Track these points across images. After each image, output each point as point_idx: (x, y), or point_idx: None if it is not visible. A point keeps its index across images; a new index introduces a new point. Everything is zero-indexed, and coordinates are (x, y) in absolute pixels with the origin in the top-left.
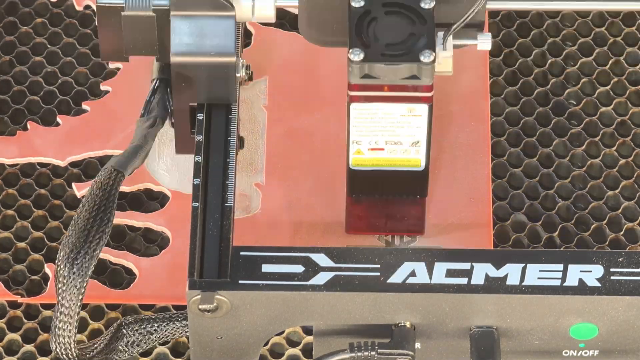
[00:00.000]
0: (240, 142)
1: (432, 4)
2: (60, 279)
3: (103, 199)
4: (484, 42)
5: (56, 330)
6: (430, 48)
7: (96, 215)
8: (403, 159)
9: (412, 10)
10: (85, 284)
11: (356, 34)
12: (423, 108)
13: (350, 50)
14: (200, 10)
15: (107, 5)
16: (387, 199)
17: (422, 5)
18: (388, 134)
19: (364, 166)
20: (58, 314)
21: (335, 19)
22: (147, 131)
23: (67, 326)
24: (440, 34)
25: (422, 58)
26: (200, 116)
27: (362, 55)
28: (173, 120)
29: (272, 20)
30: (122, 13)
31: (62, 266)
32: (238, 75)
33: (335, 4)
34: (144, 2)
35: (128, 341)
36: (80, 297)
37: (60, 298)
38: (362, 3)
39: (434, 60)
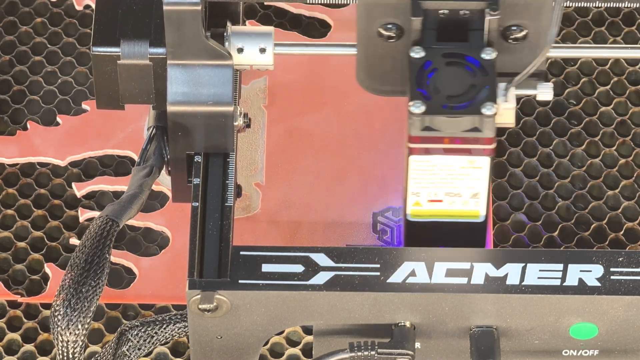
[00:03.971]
0: (238, 189)
1: (494, 55)
2: (55, 334)
3: (97, 249)
4: (545, 92)
5: None
6: (492, 100)
7: (90, 268)
8: (462, 210)
9: (473, 61)
10: (82, 337)
11: (417, 85)
12: (484, 160)
13: (412, 103)
14: (197, 59)
15: (102, 53)
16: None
17: (483, 56)
18: (447, 186)
19: (423, 217)
20: None
21: (394, 69)
22: (143, 180)
23: None
24: (501, 84)
25: (483, 110)
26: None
27: (423, 108)
28: (169, 169)
29: (271, 68)
30: (118, 62)
31: (57, 322)
32: (235, 123)
33: (394, 54)
34: (140, 50)
35: (130, 346)
36: (78, 348)
37: (58, 351)
38: (423, 54)
39: (495, 113)
